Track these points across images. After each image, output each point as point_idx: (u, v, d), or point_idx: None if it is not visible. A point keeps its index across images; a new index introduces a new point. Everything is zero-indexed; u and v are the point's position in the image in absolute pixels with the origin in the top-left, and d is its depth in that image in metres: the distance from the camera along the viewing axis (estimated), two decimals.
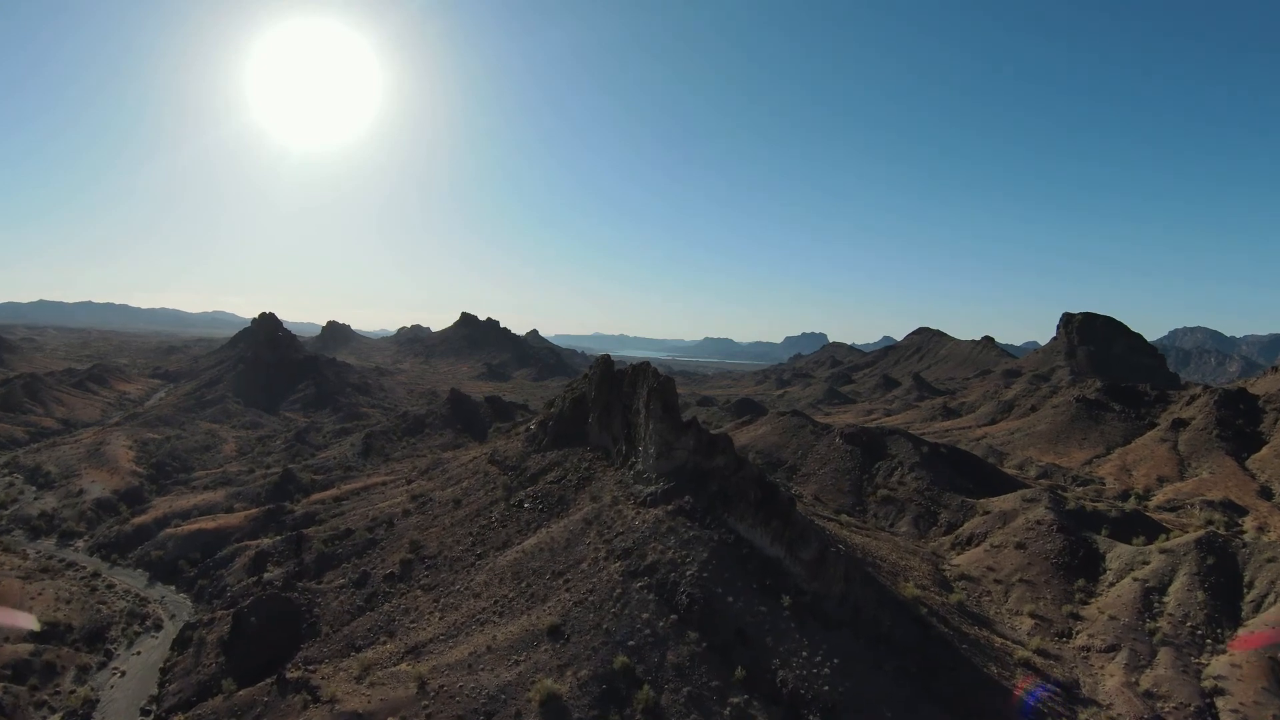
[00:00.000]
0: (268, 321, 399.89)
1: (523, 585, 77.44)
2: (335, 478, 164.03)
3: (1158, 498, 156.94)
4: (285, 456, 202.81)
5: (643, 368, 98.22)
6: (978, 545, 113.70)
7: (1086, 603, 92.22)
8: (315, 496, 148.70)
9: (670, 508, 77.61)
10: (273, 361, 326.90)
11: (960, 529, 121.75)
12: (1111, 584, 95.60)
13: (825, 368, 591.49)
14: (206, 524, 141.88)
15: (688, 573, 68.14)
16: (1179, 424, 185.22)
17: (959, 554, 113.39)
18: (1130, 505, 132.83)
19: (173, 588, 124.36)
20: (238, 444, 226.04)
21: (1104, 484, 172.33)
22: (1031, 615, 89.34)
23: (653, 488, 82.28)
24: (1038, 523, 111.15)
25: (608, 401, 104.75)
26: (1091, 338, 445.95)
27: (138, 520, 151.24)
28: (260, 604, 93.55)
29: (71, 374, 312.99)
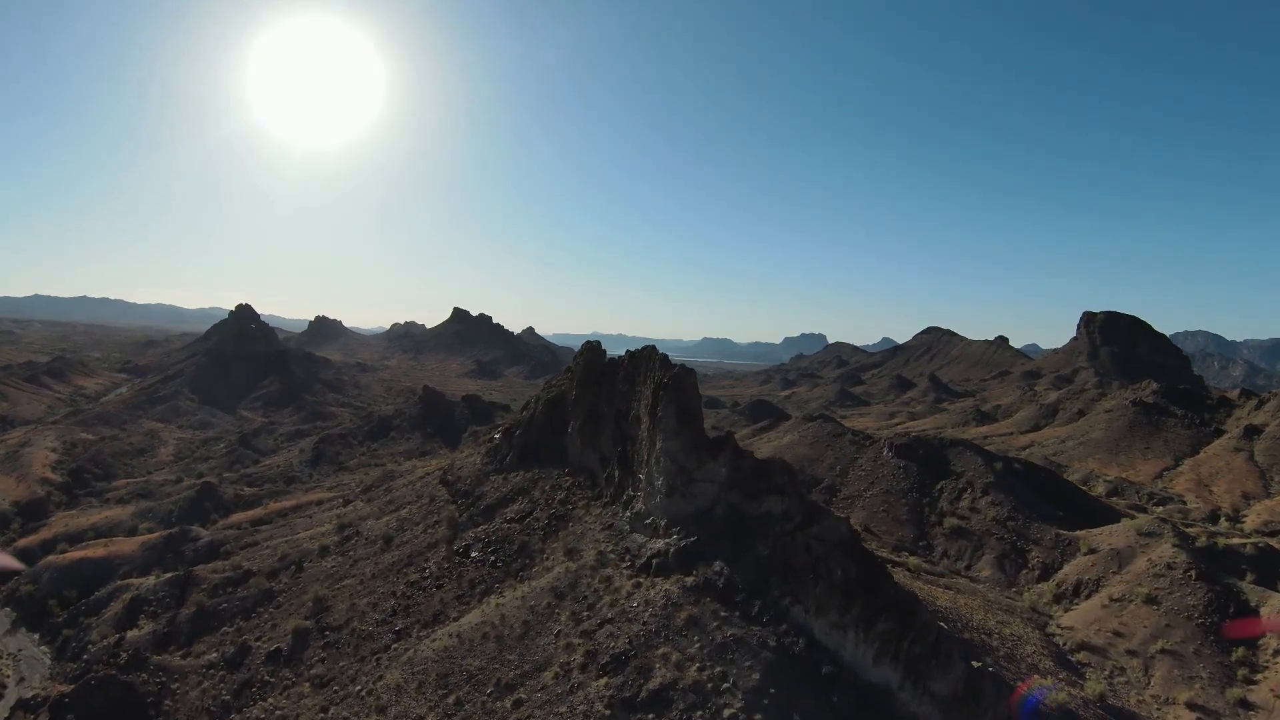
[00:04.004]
0: (243, 313, 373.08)
1: (449, 701, 48.44)
2: (266, 493, 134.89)
3: (1250, 519, 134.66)
4: (224, 463, 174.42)
5: (646, 356, 68.81)
6: (1089, 596, 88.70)
7: (1253, 681, 69.90)
8: (235, 518, 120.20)
9: (691, 581, 48.60)
10: (237, 355, 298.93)
11: (1061, 573, 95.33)
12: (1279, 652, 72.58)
13: (832, 368, 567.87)
14: (93, 552, 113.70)
15: (726, 713, 38.67)
16: (1251, 431, 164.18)
17: (1066, 609, 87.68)
18: (1254, 536, 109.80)
19: (37, 636, 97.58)
20: (177, 447, 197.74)
21: (1184, 502, 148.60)
22: (1190, 707, 66.29)
23: (661, 542, 53.00)
24: (1168, 566, 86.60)
25: (594, 405, 75.09)
26: (1114, 338, 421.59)
27: (24, 541, 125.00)
28: (88, 691, 66.68)
29: (30, 367, 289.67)
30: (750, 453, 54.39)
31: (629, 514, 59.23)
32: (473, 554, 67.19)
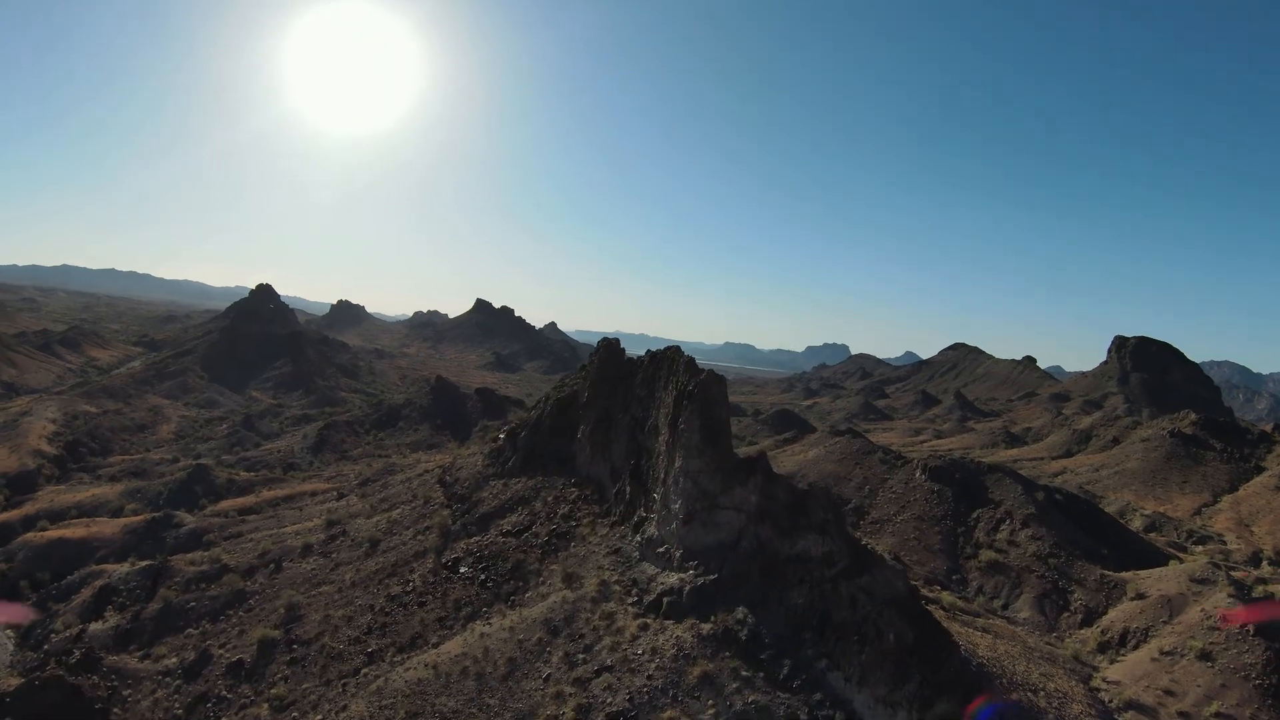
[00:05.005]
0: (262, 292, 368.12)
1: None
2: (261, 480, 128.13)
3: None
4: (224, 445, 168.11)
5: (668, 358, 60.35)
6: (1137, 647, 79.46)
7: None
8: (224, 504, 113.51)
9: (707, 629, 40.66)
10: (251, 334, 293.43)
11: (1107, 618, 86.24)
12: None
13: (856, 379, 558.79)
14: (73, 532, 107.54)
15: None
16: None
17: (1112, 660, 78.97)
18: None
19: (3, 619, 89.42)
20: (179, 425, 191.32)
21: (1225, 542, 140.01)
22: None
23: (675, 577, 45.15)
24: (1223, 619, 77.07)
25: (608, 409, 67.22)
26: (1145, 364, 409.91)
27: (5, 516, 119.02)
28: (31, 691, 59.02)
29: (44, 335, 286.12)
30: (787, 480, 45.99)
31: (639, 538, 51.36)
32: (461, 569, 59.57)
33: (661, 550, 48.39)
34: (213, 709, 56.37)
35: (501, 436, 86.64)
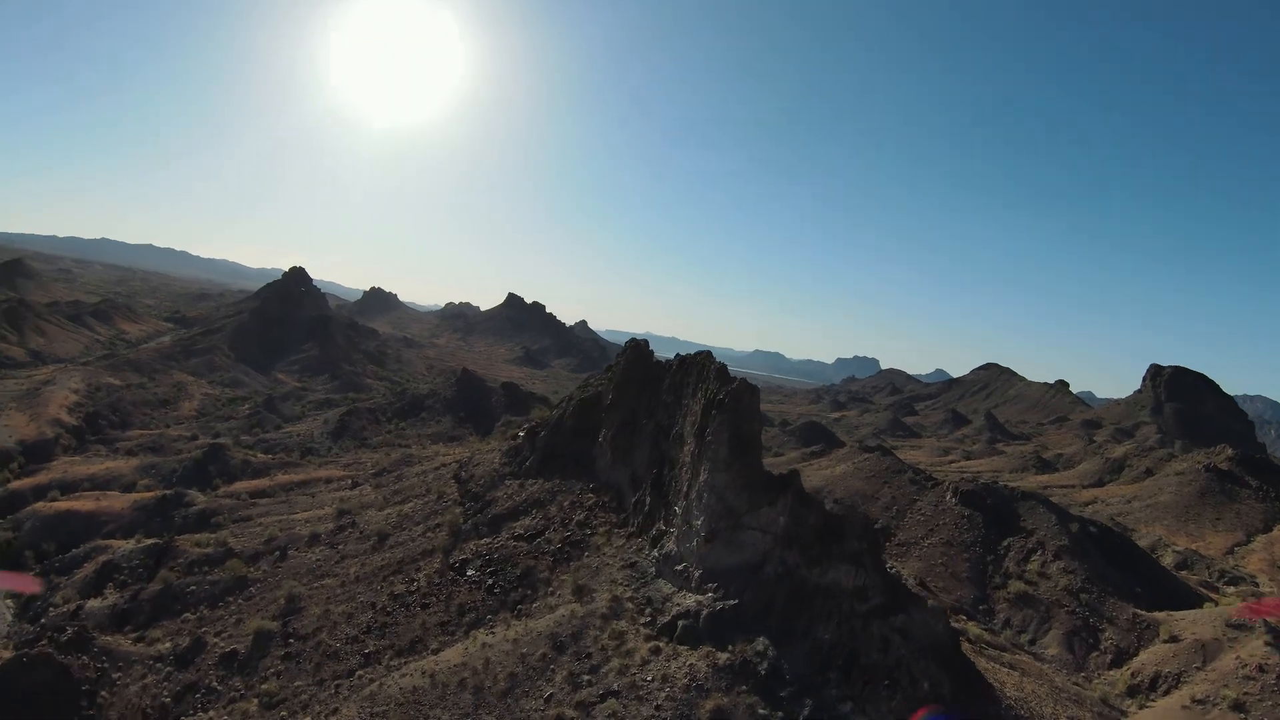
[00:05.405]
0: (294, 275, 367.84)
1: None
2: (277, 463, 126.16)
3: None
4: (243, 425, 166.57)
5: (699, 363, 57.14)
6: (1168, 692, 75.46)
7: None
8: (237, 486, 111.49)
9: (724, 659, 37.63)
10: (281, 316, 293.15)
11: (1137, 660, 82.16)
12: None
13: (885, 394, 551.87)
14: (82, 505, 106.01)
15: None
16: None
17: (1141, 705, 75.07)
18: None
19: (5, 589, 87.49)
20: (201, 403, 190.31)
21: (1257, 584, 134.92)
22: None
23: (692, 599, 42.13)
24: (1259, 669, 72.48)
25: (632, 413, 64.18)
26: (1180, 395, 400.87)
27: (17, 484, 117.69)
28: (18, 669, 57.22)
29: (76, 306, 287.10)
30: (820, 503, 42.79)
31: (657, 553, 48.21)
32: (469, 571, 56.79)
33: (680, 568, 45.27)
34: (201, 699, 54.07)
35: (521, 434, 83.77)
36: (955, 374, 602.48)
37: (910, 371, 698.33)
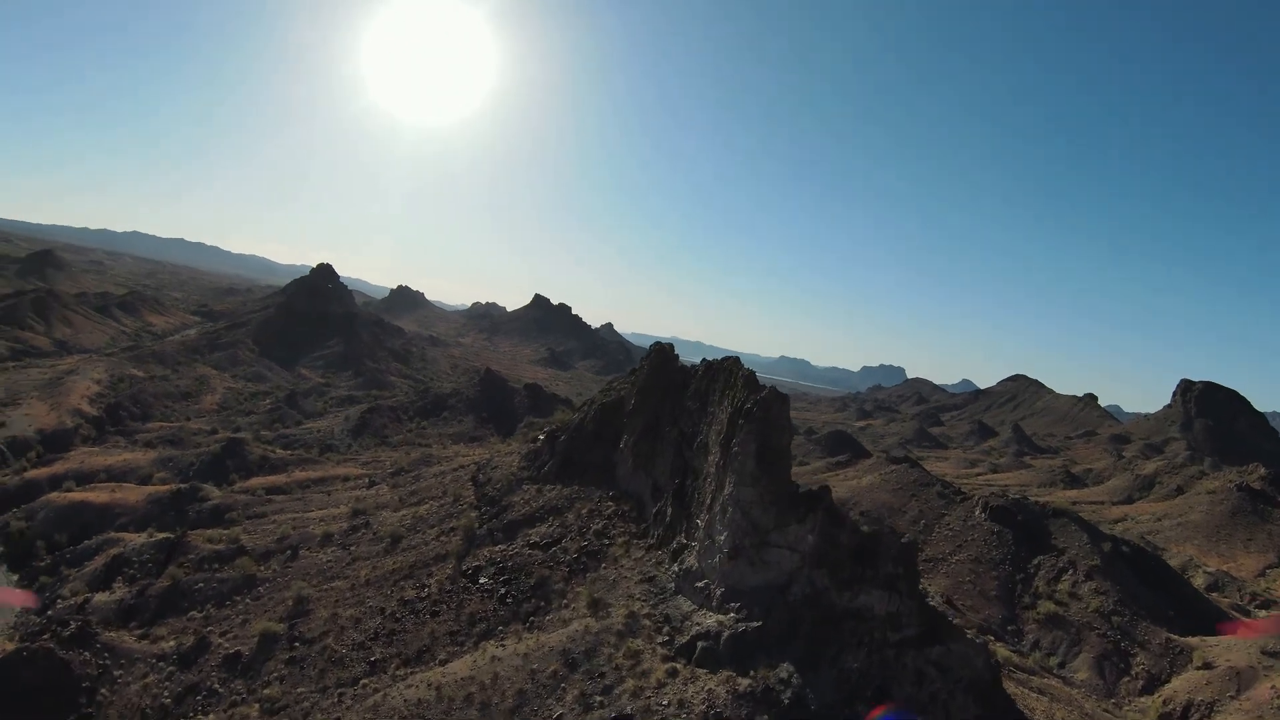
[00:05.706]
0: (322, 271, 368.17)
1: None
2: (295, 460, 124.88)
3: None
4: (264, 420, 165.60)
5: (726, 369, 54.39)
6: None
7: None
8: (253, 481, 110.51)
9: (745, 685, 35.36)
10: (307, 312, 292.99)
11: (1170, 688, 79.27)
12: None
13: (911, 404, 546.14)
14: (96, 496, 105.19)
15: None
16: None
17: None
18: None
19: (16, 578, 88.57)
20: (223, 396, 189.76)
21: None
22: None
23: (713, 619, 39.79)
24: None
25: (655, 419, 61.88)
26: (1211, 411, 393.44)
27: (33, 473, 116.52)
28: (18, 662, 55.77)
29: (104, 297, 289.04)
30: (853, 521, 40.26)
31: (677, 568, 45.91)
32: (481, 579, 54.74)
33: (700, 585, 42.96)
34: (201, 702, 52.50)
35: (540, 438, 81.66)
36: (982, 385, 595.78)
37: (936, 381, 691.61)
